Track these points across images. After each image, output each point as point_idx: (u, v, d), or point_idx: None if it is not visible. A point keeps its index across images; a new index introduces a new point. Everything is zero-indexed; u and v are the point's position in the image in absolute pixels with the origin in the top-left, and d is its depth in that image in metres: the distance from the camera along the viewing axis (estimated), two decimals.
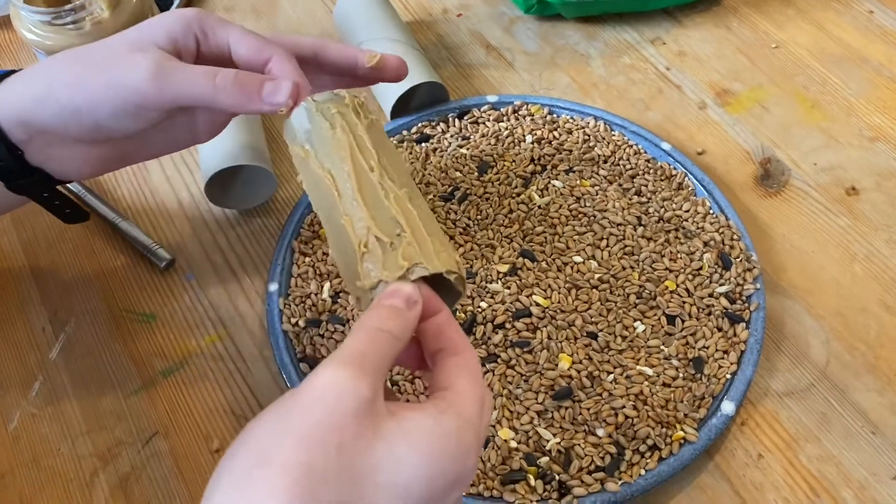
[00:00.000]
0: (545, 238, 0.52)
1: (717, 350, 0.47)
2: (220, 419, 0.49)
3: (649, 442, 0.44)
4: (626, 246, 0.52)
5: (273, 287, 0.51)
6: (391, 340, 0.30)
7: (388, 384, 0.47)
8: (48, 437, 0.48)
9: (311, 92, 0.40)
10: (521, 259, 0.51)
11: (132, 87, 0.38)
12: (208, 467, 0.47)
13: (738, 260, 0.50)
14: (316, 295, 0.50)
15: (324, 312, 0.50)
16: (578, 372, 0.46)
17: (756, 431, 0.47)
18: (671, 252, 0.51)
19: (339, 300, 0.50)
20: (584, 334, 0.48)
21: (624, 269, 0.51)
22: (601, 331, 0.48)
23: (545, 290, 0.49)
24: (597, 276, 0.50)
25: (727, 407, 0.45)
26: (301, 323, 0.49)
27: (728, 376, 0.46)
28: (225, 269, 0.55)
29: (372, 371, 0.28)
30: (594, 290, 0.50)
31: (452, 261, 0.35)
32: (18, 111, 0.39)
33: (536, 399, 0.45)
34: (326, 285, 0.51)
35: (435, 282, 0.34)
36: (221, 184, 0.56)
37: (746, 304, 0.49)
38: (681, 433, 0.44)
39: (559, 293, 0.49)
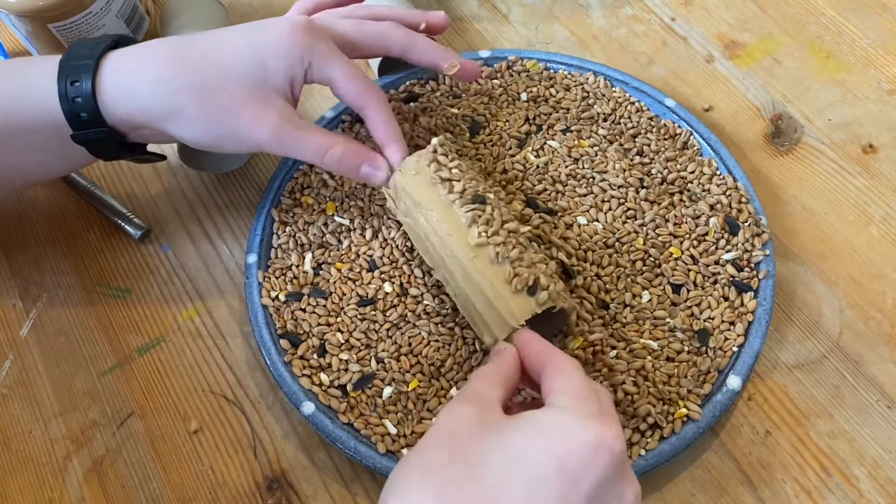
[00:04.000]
0: (548, 195, 0.49)
1: (723, 321, 0.45)
2: (198, 398, 0.46)
3: (650, 420, 0.41)
4: (628, 209, 0.49)
5: (252, 259, 0.48)
6: (486, 376, 0.36)
7: None
8: (19, 418, 0.46)
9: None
10: (529, 211, 0.48)
11: (255, 143, 0.43)
12: (186, 449, 0.45)
13: (746, 224, 0.47)
14: (297, 267, 0.48)
15: (305, 285, 0.47)
16: (584, 350, 0.43)
17: (764, 407, 0.44)
18: (676, 216, 0.48)
19: (320, 272, 0.47)
20: (598, 305, 0.45)
21: (629, 233, 0.48)
22: (613, 300, 0.45)
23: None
24: (603, 239, 0.47)
25: (733, 382, 0.42)
26: (281, 297, 0.47)
27: (734, 349, 0.44)
28: (203, 239, 0.52)
29: (473, 399, 0.34)
30: (605, 253, 0.47)
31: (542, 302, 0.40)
32: (133, 118, 0.43)
33: None
34: (308, 256, 0.48)
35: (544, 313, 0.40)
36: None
37: (755, 272, 0.46)
38: (684, 410, 0.42)
39: (577, 254, 0.47)
